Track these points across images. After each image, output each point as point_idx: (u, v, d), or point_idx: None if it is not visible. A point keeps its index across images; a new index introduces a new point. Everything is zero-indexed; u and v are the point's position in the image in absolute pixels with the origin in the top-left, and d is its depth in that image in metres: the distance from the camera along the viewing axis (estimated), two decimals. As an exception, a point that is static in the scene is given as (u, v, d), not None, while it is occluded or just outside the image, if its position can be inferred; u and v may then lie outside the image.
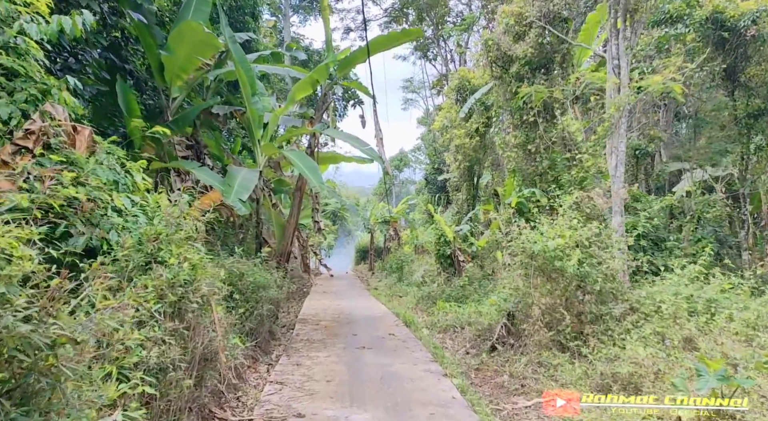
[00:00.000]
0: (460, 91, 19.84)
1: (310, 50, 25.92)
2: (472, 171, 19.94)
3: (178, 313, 4.51)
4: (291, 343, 9.65)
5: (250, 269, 8.20)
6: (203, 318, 4.95)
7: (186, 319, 4.55)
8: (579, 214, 8.36)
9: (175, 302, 4.45)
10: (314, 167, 8.97)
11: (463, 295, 14.47)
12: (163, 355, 4.03)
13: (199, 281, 4.78)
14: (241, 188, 8.72)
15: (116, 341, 3.77)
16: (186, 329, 4.63)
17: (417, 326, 11.55)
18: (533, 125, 14.99)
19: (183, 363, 4.39)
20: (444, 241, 16.06)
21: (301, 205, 10.55)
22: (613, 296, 8.09)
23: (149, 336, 4.00)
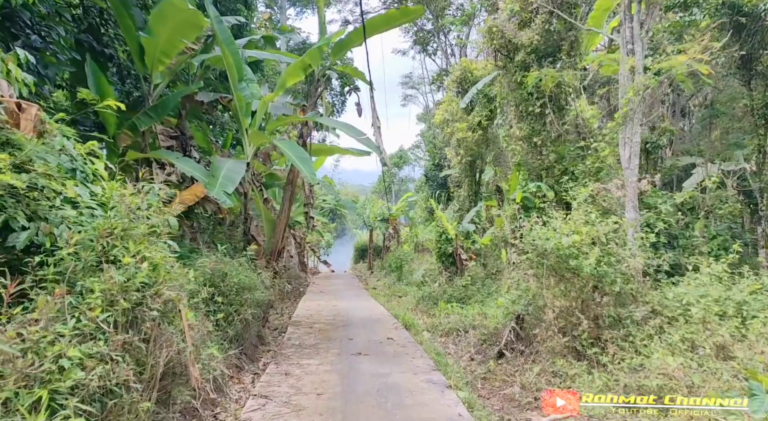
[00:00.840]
0: (462, 82, 19.10)
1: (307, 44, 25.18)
2: (474, 166, 19.21)
3: (132, 322, 3.78)
4: (281, 348, 8.93)
5: (234, 269, 7.47)
6: (168, 327, 4.22)
7: (143, 329, 3.82)
8: (594, 208, 7.63)
9: (129, 310, 3.72)
10: (306, 158, 8.25)
11: (465, 295, 13.77)
12: (110, 375, 3.29)
13: (162, 284, 4.04)
14: (226, 180, 7.99)
15: (51, 358, 3.06)
16: (145, 341, 3.90)
17: (417, 329, 10.83)
18: (539, 116, 14.26)
19: (139, 383, 3.66)
20: (445, 238, 15.33)
21: (292, 199, 9.82)
22: (632, 298, 7.37)
23: (92, 353, 3.27)
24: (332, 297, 17.82)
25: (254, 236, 9.28)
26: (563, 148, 13.72)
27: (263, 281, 8.22)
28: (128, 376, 3.41)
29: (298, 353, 8.50)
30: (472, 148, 18.38)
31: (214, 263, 7.28)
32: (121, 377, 3.34)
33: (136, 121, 8.25)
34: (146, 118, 8.34)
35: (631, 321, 6.97)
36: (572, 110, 10.57)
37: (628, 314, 7.04)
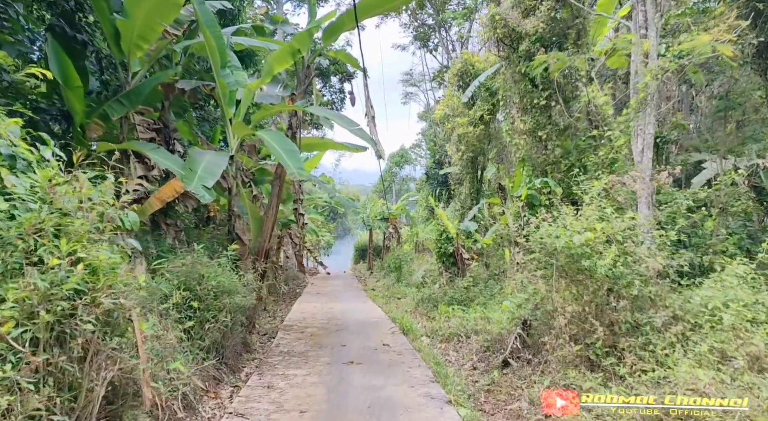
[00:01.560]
0: (463, 76, 18.41)
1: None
2: (475, 163, 18.51)
3: (60, 338, 3.10)
4: (268, 356, 8.25)
5: (213, 271, 6.79)
6: (111, 341, 3.54)
7: (73, 346, 3.13)
8: (609, 202, 6.93)
9: (55, 323, 3.04)
10: (293, 151, 7.57)
11: (467, 297, 13.09)
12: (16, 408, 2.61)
13: (102, 291, 3.36)
14: (206, 173, 7.31)
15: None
16: (79, 360, 3.22)
17: (416, 333, 10.15)
18: (544, 109, 13.56)
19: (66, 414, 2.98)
20: (446, 237, 14.64)
21: (280, 195, 9.14)
22: (651, 302, 6.67)
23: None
24: (329, 299, 17.16)
25: (239, 235, 8.60)
26: (568, 143, 13.04)
27: (247, 284, 7.53)
28: (43, 405, 2.72)
29: (285, 362, 7.81)
30: (473, 144, 17.69)
31: (190, 263, 6.60)
32: (29, 408, 2.65)
33: (107, 109, 7.57)
34: (118, 105, 7.66)
35: (650, 328, 6.27)
36: (583, 96, 9.83)
37: (647, 319, 6.34)
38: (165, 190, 7.61)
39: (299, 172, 7.30)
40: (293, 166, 7.33)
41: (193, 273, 6.55)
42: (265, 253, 9.06)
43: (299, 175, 7.27)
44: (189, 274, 6.55)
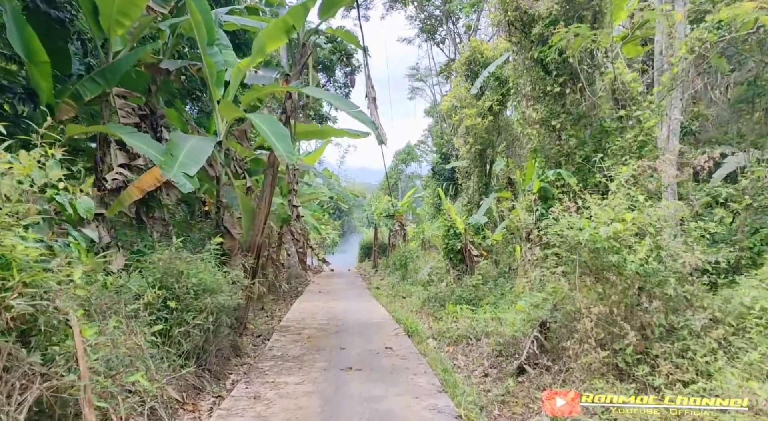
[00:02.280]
0: (472, 65, 17.60)
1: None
2: (484, 156, 17.71)
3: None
4: (259, 361, 7.53)
5: (195, 267, 6.07)
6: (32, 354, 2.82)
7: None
8: (638, 190, 6.14)
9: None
10: (284, 134, 6.84)
11: (476, 296, 12.34)
12: None
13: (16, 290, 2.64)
14: (188, 160, 6.60)
15: None
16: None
17: (421, 335, 9.41)
18: (558, 97, 12.75)
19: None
20: (453, 233, 13.88)
21: (274, 185, 8.41)
22: (687, 303, 5.90)
23: None
24: (330, 297, 16.46)
25: (228, 228, 7.88)
26: (582, 134, 12.26)
27: (234, 282, 6.81)
28: None
29: (278, 368, 7.09)
30: (482, 136, 16.90)
31: (168, 259, 5.89)
32: None
33: (79, 88, 6.86)
34: (92, 85, 6.95)
35: (688, 332, 5.51)
36: (608, 73, 9.02)
37: (684, 322, 5.59)
38: (146, 179, 6.89)
39: (288, 156, 6.57)
40: (282, 150, 6.60)
41: (170, 269, 5.84)
42: (257, 248, 8.34)
43: (288, 158, 6.55)
44: (167, 270, 5.84)
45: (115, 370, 4.03)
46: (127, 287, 5.01)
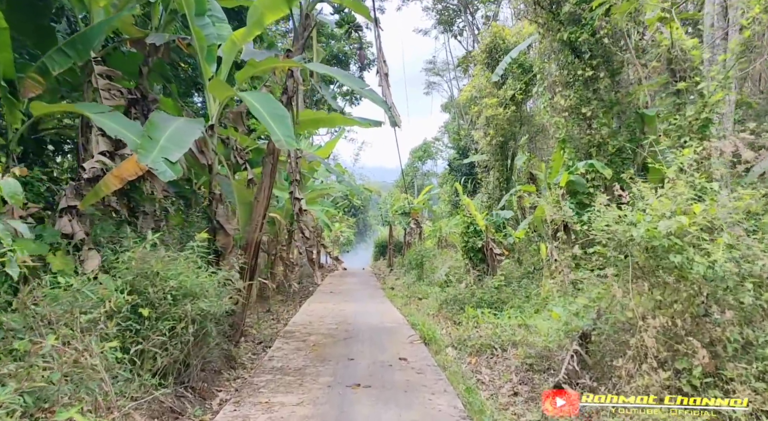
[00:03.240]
0: (493, 52, 16.56)
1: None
2: (505, 148, 16.67)
3: None
4: (255, 374, 6.62)
5: (174, 267, 5.17)
6: None
7: None
8: (703, 176, 5.08)
9: None
10: (282, 115, 5.93)
11: (498, 299, 11.34)
12: None
13: None
14: (170, 144, 5.71)
15: None
16: None
17: (439, 343, 8.44)
18: (590, 82, 11.68)
19: None
20: (473, 230, 12.87)
21: (274, 175, 7.50)
22: (763, 313, 4.86)
23: None
24: (342, 298, 15.55)
25: (221, 223, 6.98)
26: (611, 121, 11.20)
27: (226, 283, 5.90)
28: None
29: (275, 383, 6.17)
30: (503, 127, 15.86)
31: (140, 258, 5.00)
32: None
33: (47, 61, 6.00)
34: (61, 56, 6.08)
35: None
36: (664, 40, 7.93)
37: (765, 338, 4.54)
38: (126, 167, 6.01)
39: (287, 141, 5.65)
40: (280, 133, 5.68)
41: (144, 271, 4.94)
42: (255, 246, 7.44)
43: (287, 143, 5.63)
44: (140, 272, 4.95)
45: (50, 402, 3.13)
46: (82, 293, 4.11)
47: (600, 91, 11.53)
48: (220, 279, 5.72)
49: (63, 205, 6.05)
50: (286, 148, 5.69)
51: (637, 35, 11.61)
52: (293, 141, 5.75)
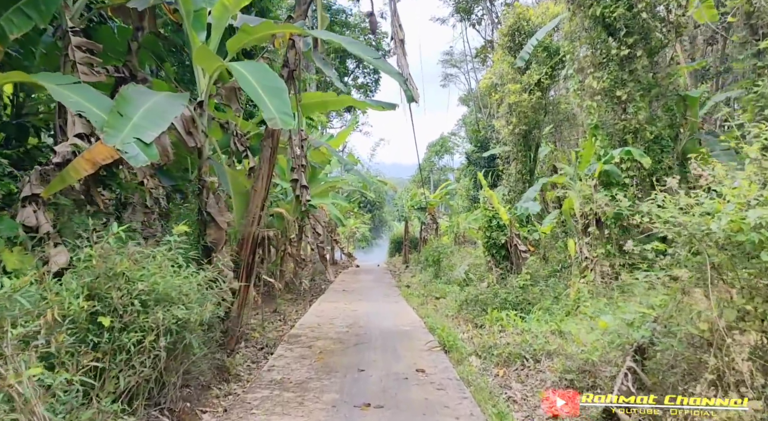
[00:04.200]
0: (516, 35, 15.48)
1: None
2: (528, 138, 15.57)
3: None
4: (250, 389, 5.74)
5: (145, 268, 4.29)
6: None
7: None
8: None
9: None
10: (277, 89, 5.03)
11: (524, 300, 10.36)
12: None
13: None
14: (145, 122, 4.84)
15: None
16: None
17: (461, 351, 7.49)
18: (625, 61, 10.61)
19: None
20: (497, 225, 11.86)
21: (273, 161, 6.62)
22: None
23: None
24: (355, 297, 14.66)
25: (213, 216, 6.11)
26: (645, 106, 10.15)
27: (209, 285, 5.00)
28: None
29: (271, 402, 5.28)
30: (527, 115, 14.79)
31: (102, 256, 4.12)
32: None
33: (3, 23, 5.16)
34: (20, 17, 5.21)
35: None
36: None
37: None
38: (99, 149, 5.13)
39: (283, 118, 4.76)
40: (274, 109, 4.78)
41: (109, 271, 4.07)
42: (252, 241, 6.55)
43: (282, 121, 4.73)
44: (104, 272, 4.07)
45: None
46: (13, 300, 3.24)
47: (637, 71, 10.46)
48: (204, 280, 4.82)
49: (26, 192, 5.21)
50: (280, 127, 4.77)
51: (678, 10, 10.52)
52: (290, 119, 4.84)
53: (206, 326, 5.46)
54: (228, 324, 6.36)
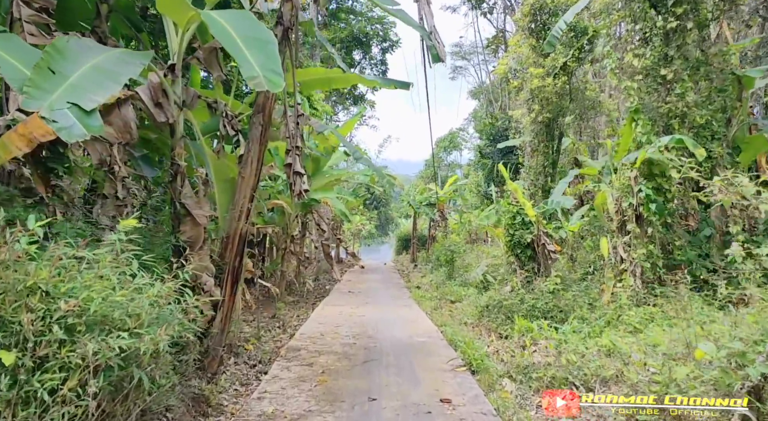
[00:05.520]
0: (538, 14, 14.15)
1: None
2: (552, 127, 14.25)
3: None
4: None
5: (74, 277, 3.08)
6: None
7: None
8: None
9: None
10: (263, 40, 3.82)
11: (555, 306, 9.14)
12: None
13: None
14: (87, 82, 3.64)
15: None
16: None
17: (490, 372, 6.25)
18: (672, 36, 9.34)
19: None
20: (521, 222, 10.59)
21: (265, 142, 5.40)
22: None
23: None
24: (361, 300, 13.45)
25: (188, 209, 4.90)
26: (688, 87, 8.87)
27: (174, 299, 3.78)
28: None
29: (256, 449, 4.08)
30: (552, 101, 13.48)
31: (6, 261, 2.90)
32: None
33: None
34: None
35: None
36: None
37: None
38: (37, 123, 3.93)
39: (269, 77, 3.55)
40: (258, 66, 3.57)
41: (15, 285, 2.85)
42: (238, 239, 5.33)
43: (268, 82, 3.52)
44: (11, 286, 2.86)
45: None
46: None
47: (686, 46, 9.18)
48: (168, 292, 3.59)
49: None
50: (265, 89, 3.54)
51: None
52: (279, 79, 3.61)
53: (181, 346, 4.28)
54: (208, 343, 5.15)
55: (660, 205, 9.02)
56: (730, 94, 9.34)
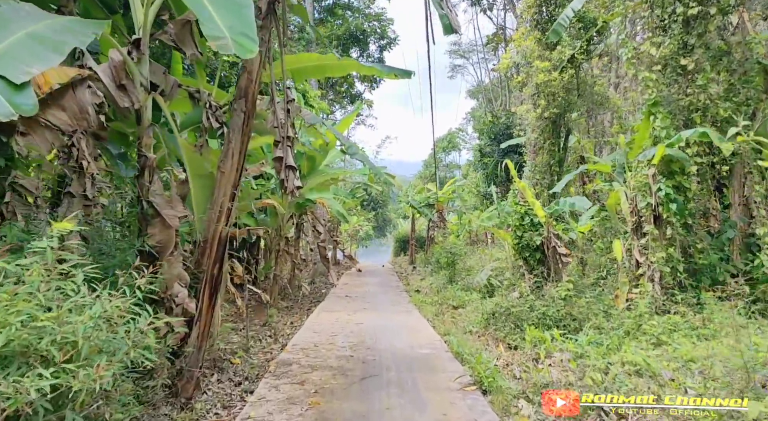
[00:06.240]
0: (543, 5, 13.49)
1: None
2: (558, 123, 13.59)
3: None
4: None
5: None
6: None
7: None
8: None
9: None
10: (237, 3, 3.14)
11: (568, 314, 8.46)
12: None
13: None
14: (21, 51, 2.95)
15: None
16: None
17: (504, 391, 5.56)
18: (693, 22, 8.69)
19: None
20: (530, 223, 9.91)
21: (248, 131, 4.72)
22: None
23: None
24: (359, 305, 12.75)
25: (157, 208, 4.20)
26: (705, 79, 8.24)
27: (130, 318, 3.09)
28: None
29: None
30: (558, 95, 12.82)
31: None
32: None
33: None
34: None
35: None
36: None
37: None
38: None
39: (238, 41, 2.88)
40: (224, 26, 2.90)
41: None
42: (218, 243, 4.63)
43: (238, 47, 2.85)
44: None
45: None
46: None
47: (708, 34, 8.53)
48: (115, 312, 2.89)
49: None
50: (232, 52, 2.85)
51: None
52: (251, 44, 2.93)
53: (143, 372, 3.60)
54: (182, 364, 4.44)
55: (680, 205, 8.38)
56: (755, 86, 8.69)
